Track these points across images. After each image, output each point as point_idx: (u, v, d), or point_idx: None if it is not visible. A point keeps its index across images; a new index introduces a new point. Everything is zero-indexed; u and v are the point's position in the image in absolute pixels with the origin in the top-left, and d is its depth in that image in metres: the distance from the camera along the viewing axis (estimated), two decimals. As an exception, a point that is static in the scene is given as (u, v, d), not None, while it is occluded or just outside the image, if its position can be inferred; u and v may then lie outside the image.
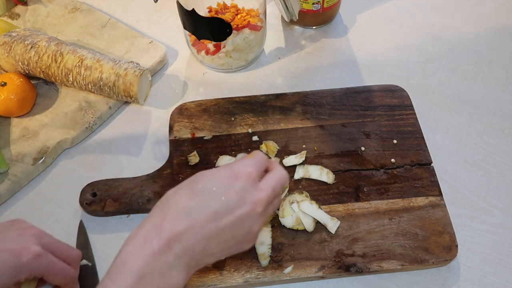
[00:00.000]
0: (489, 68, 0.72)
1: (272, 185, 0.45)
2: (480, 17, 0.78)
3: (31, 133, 0.64)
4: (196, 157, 0.60)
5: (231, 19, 0.68)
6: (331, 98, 0.66)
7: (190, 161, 0.60)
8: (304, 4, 0.72)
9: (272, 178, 0.45)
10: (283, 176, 0.46)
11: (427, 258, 0.53)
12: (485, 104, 0.68)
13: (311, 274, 0.52)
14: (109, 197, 0.58)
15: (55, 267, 0.47)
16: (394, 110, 0.65)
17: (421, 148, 0.62)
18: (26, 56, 0.65)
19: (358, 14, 0.79)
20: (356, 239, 0.55)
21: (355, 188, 0.59)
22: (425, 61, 0.73)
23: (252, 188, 0.44)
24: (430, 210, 0.56)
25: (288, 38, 0.77)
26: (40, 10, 0.78)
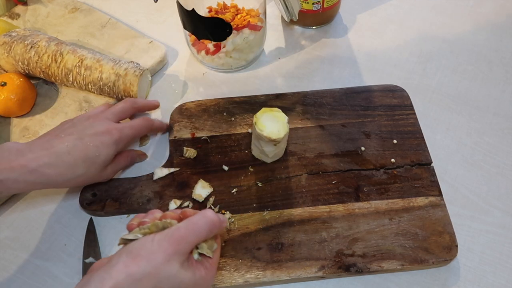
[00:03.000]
0: (489, 68, 0.72)
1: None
2: (480, 17, 0.78)
3: (31, 133, 0.64)
4: (192, 151, 0.61)
5: (231, 19, 0.68)
6: (331, 98, 0.66)
7: (187, 154, 0.61)
8: (304, 4, 0.72)
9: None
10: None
11: (427, 258, 0.53)
12: (485, 104, 0.68)
13: (311, 274, 0.52)
14: (109, 197, 0.58)
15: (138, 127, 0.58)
16: (394, 110, 0.65)
17: (421, 148, 0.62)
18: (26, 56, 0.65)
19: (358, 14, 0.79)
20: (356, 239, 0.55)
21: (355, 188, 0.59)
22: (425, 61, 0.73)
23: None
24: (430, 210, 0.56)
25: (288, 38, 0.77)
26: (40, 10, 0.78)
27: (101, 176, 0.56)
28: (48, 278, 0.55)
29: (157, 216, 0.46)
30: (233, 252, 0.54)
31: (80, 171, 0.52)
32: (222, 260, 0.53)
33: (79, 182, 0.54)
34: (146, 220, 0.45)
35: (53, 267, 0.56)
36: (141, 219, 0.45)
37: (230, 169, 0.60)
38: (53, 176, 0.51)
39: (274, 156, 0.60)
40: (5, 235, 0.58)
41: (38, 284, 0.54)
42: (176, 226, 0.43)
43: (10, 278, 0.55)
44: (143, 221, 0.45)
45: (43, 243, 0.57)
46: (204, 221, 0.43)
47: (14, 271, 0.55)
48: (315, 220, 0.56)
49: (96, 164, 0.53)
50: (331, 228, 0.55)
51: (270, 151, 0.58)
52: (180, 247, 0.41)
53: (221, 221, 0.45)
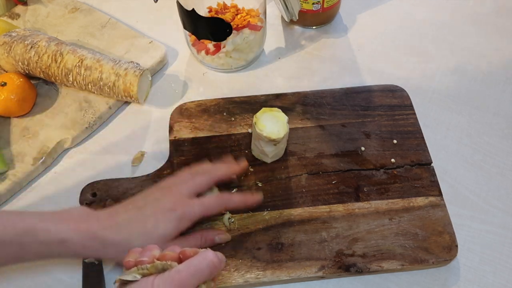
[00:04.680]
0: (489, 68, 0.72)
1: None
2: (481, 17, 0.78)
3: (31, 133, 0.64)
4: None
5: (231, 19, 0.68)
6: (331, 98, 0.66)
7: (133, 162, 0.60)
8: (304, 4, 0.72)
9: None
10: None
11: (427, 258, 0.53)
12: (485, 104, 0.68)
13: (311, 274, 0.52)
14: (109, 197, 0.58)
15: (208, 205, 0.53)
16: (394, 110, 0.65)
17: (421, 148, 0.62)
18: (26, 56, 0.65)
19: (358, 14, 0.79)
20: (356, 239, 0.55)
21: (355, 188, 0.59)
22: (425, 61, 0.73)
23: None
24: (430, 210, 0.56)
25: (288, 38, 0.77)
26: (40, 10, 0.78)
27: (167, 243, 0.51)
28: (48, 278, 0.55)
29: (155, 254, 0.43)
30: (233, 252, 0.54)
31: (136, 243, 0.48)
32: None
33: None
34: (144, 259, 0.43)
35: (53, 267, 0.55)
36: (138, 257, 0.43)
37: (230, 169, 0.60)
38: (108, 245, 0.49)
39: (274, 156, 0.60)
40: (5, 235, 0.58)
41: (38, 285, 0.54)
42: (176, 269, 0.41)
43: (10, 278, 0.55)
44: (141, 260, 0.43)
45: (43, 243, 0.57)
46: (206, 264, 0.42)
47: (15, 272, 0.55)
48: (315, 220, 0.56)
49: (153, 239, 0.50)
50: (331, 228, 0.55)
51: (270, 151, 0.58)
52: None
53: (221, 261, 0.43)
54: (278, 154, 0.60)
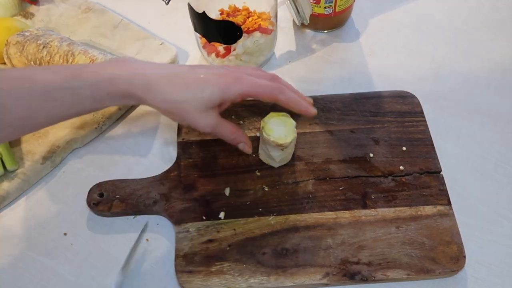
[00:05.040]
0: (503, 75, 0.71)
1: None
2: (495, 24, 0.77)
3: (42, 132, 0.65)
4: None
5: (242, 22, 0.67)
6: (341, 103, 0.66)
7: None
8: (316, 8, 0.72)
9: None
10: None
11: (434, 268, 0.52)
12: (497, 112, 0.67)
13: (315, 281, 0.52)
14: (116, 198, 0.59)
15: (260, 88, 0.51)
16: (404, 117, 0.64)
17: (430, 156, 0.61)
18: (38, 56, 0.66)
19: (370, 19, 0.79)
20: (362, 246, 0.54)
21: (363, 195, 0.58)
22: (437, 67, 0.72)
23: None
24: (438, 219, 0.56)
25: (299, 42, 0.76)
26: (53, 10, 0.79)
27: (198, 119, 0.51)
28: (53, 276, 0.55)
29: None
30: (238, 256, 0.54)
31: (179, 97, 0.49)
32: (227, 264, 0.53)
33: (174, 110, 0.51)
34: None
35: (58, 265, 0.56)
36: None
37: (237, 173, 0.60)
38: (153, 87, 0.49)
39: (281, 161, 0.59)
40: (13, 233, 0.59)
41: (44, 282, 0.55)
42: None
43: (16, 276, 0.55)
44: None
45: (49, 242, 0.58)
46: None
47: (20, 269, 0.56)
48: (321, 226, 0.56)
49: (197, 99, 0.49)
50: (337, 235, 0.55)
51: (277, 155, 0.58)
52: None
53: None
54: (285, 159, 0.60)
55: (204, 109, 0.50)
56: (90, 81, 0.48)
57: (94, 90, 0.48)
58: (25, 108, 0.48)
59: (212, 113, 0.51)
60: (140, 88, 0.49)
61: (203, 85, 0.50)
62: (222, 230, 0.56)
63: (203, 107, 0.50)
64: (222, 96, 0.50)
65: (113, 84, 0.48)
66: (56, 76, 0.48)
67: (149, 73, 0.49)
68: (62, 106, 0.49)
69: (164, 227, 0.58)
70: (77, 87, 0.48)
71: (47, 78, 0.48)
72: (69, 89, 0.48)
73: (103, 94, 0.49)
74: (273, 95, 0.52)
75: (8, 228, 0.59)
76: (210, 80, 0.50)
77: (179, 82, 0.49)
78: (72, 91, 0.48)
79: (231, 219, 0.56)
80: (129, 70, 0.49)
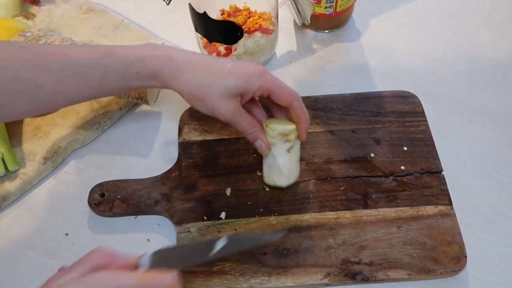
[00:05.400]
0: (504, 75, 0.71)
1: None
2: (496, 24, 0.77)
3: (43, 132, 0.65)
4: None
5: (243, 22, 0.68)
6: (342, 103, 0.66)
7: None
8: (317, 8, 0.72)
9: None
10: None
11: (435, 268, 0.52)
12: (498, 112, 0.67)
13: (316, 281, 0.52)
14: (117, 198, 0.59)
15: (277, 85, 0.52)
16: (405, 117, 0.64)
17: (431, 156, 0.61)
18: (39, 56, 0.66)
19: (371, 19, 0.79)
20: (363, 246, 0.54)
21: (364, 195, 0.58)
22: (438, 67, 0.72)
23: None
24: (439, 219, 0.56)
25: (300, 42, 0.76)
26: (54, 11, 0.79)
27: (219, 104, 0.52)
28: (55, 277, 0.55)
29: None
30: (239, 256, 0.54)
31: (203, 81, 0.51)
32: (228, 264, 0.53)
33: (197, 94, 0.51)
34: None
35: (60, 266, 0.56)
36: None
37: (238, 173, 0.60)
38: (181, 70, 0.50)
39: (288, 174, 0.57)
40: (14, 233, 0.59)
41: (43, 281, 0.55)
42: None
43: (17, 276, 0.56)
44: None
45: (51, 242, 0.58)
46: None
47: (22, 269, 0.56)
48: (322, 226, 0.56)
49: (219, 85, 0.51)
50: (338, 235, 0.55)
51: (284, 163, 0.56)
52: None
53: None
54: (291, 171, 0.57)
55: (226, 96, 0.51)
56: (122, 59, 0.49)
57: (124, 69, 0.50)
58: (56, 83, 0.49)
59: (233, 101, 0.52)
60: (169, 70, 0.50)
61: (228, 73, 0.51)
62: (223, 230, 0.56)
63: (225, 94, 0.51)
64: (244, 86, 0.51)
65: (143, 64, 0.50)
66: (89, 54, 0.49)
67: (178, 57, 0.51)
68: (92, 82, 0.50)
69: (165, 227, 0.58)
70: (109, 65, 0.49)
71: (80, 54, 0.49)
72: (100, 66, 0.49)
73: (133, 74, 0.50)
74: (291, 99, 0.53)
75: (9, 228, 0.59)
76: (235, 70, 0.51)
77: (205, 68, 0.51)
78: (103, 69, 0.49)
79: (232, 219, 0.57)
80: (160, 52, 0.51)
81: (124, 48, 0.51)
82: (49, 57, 0.49)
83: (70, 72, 0.49)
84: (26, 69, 0.48)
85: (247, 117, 0.54)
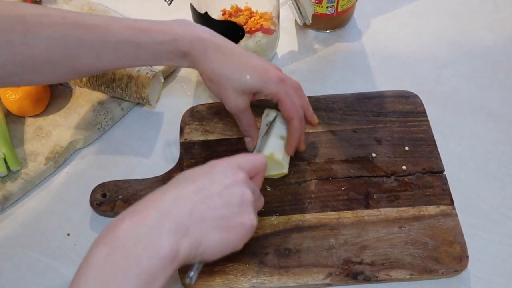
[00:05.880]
0: (506, 75, 0.71)
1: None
2: (498, 23, 0.77)
3: (45, 132, 0.65)
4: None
5: (244, 22, 0.68)
6: (343, 103, 0.66)
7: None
8: (318, 8, 0.72)
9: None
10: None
11: (437, 268, 0.52)
12: (500, 112, 0.67)
13: (318, 281, 0.52)
14: (119, 198, 0.59)
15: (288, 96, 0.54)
16: (406, 117, 0.64)
17: (433, 156, 0.61)
18: (41, 57, 0.66)
19: (373, 19, 0.79)
20: (365, 246, 0.54)
21: (365, 195, 0.58)
22: (440, 67, 0.72)
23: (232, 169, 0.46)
24: (441, 219, 0.56)
25: (301, 42, 0.76)
26: (56, 11, 0.79)
27: (231, 98, 0.54)
28: (57, 277, 0.55)
29: None
30: (240, 256, 0.54)
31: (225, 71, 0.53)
32: (229, 264, 0.53)
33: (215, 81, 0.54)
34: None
35: (61, 266, 0.56)
36: None
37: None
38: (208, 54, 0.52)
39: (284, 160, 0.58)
40: (16, 233, 0.59)
41: (47, 283, 0.55)
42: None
43: (19, 276, 0.56)
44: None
45: (53, 242, 0.58)
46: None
47: (24, 269, 0.56)
48: (324, 226, 0.56)
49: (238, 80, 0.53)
50: (340, 235, 0.55)
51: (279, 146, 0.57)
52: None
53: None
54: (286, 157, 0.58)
55: (240, 92, 0.54)
56: (156, 39, 0.51)
57: (158, 48, 0.52)
58: (94, 57, 0.52)
59: (245, 97, 0.55)
60: (197, 53, 0.52)
61: (250, 71, 0.53)
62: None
63: (240, 89, 0.53)
64: (261, 88, 0.53)
65: (176, 44, 0.52)
66: (128, 31, 0.51)
67: (207, 40, 0.52)
68: (127, 57, 0.53)
69: (166, 227, 0.58)
70: (144, 44, 0.51)
71: (120, 31, 0.51)
72: (137, 44, 0.51)
73: (165, 53, 0.52)
74: (292, 116, 0.55)
75: (11, 228, 0.59)
76: (257, 69, 0.53)
77: (230, 58, 0.53)
78: (139, 47, 0.51)
79: (234, 219, 0.56)
80: (191, 33, 0.52)
81: (159, 27, 0.52)
82: (90, 31, 0.50)
83: (109, 48, 0.51)
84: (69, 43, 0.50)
85: (249, 117, 0.57)
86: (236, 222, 0.42)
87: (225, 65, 0.53)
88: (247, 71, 0.53)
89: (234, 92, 0.54)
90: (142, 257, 0.36)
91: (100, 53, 0.51)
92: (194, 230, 0.39)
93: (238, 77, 0.53)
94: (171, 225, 0.38)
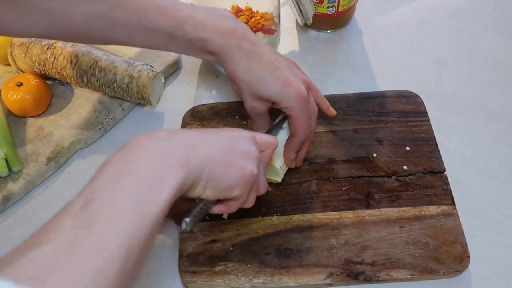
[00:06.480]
0: (506, 75, 0.71)
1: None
2: (499, 23, 0.77)
3: (46, 133, 0.65)
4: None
5: (245, 22, 0.68)
6: (344, 103, 0.66)
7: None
8: (319, 8, 0.72)
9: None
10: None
11: (438, 268, 0.52)
12: (501, 112, 0.67)
13: (319, 281, 0.52)
14: (120, 198, 0.59)
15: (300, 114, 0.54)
16: (407, 117, 0.64)
17: (434, 156, 0.61)
18: (42, 57, 0.66)
19: (374, 18, 0.79)
20: (366, 246, 0.54)
21: (366, 195, 0.58)
22: (441, 67, 0.72)
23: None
24: (442, 219, 0.56)
25: (302, 42, 0.76)
26: (57, 11, 0.79)
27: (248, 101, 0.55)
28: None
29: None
30: (241, 257, 0.54)
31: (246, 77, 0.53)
32: (230, 265, 0.53)
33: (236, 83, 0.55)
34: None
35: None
36: None
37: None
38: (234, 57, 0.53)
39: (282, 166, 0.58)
40: (18, 233, 0.59)
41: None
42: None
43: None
44: None
45: (55, 242, 0.58)
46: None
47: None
48: (325, 226, 0.56)
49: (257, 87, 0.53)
50: (341, 235, 0.55)
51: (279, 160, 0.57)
52: None
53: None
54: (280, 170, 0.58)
55: (258, 98, 0.54)
56: (188, 36, 0.52)
57: (188, 43, 0.53)
58: (127, 36, 0.54)
59: (261, 103, 0.55)
60: (225, 55, 0.54)
61: (271, 83, 0.53)
62: (226, 230, 0.56)
63: (257, 95, 0.54)
64: (279, 100, 0.54)
65: (205, 45, 0.53)
66: (163, 20, 0.52)
67: (237, 45, 0.53)
68: (158, 44, 0.54)
69: (167, 227, 0.58)
70: (177, 37, 0.53)
71: (154, 19, 0.52)
72: (170, 35, 0.53)
73: (194, 48, 0.54)
74: (297, 134, 0.55)
75: (12, 229, 0.59)
76: (279, 82, 0.53)
77: (255, 66, 0.53)
78: (171, 37, 0.53)
79: (235, 219, 0.57)
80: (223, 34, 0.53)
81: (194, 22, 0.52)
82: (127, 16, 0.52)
83: (143, 33, 0.53)
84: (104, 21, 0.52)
85: (263, 121, 0.57)
86: (238, 163, 0.44)
87: (248, 72, 0.53)
88: (267, 83, 0.53)
89: (252, 97, 0.54)
90: (150, 160, 0.39)
91: (133, 34, 0.53)
92: (202, 151, 0.42)
93: (257, 86, 0.53)
94: (182, 142, 0.41)
